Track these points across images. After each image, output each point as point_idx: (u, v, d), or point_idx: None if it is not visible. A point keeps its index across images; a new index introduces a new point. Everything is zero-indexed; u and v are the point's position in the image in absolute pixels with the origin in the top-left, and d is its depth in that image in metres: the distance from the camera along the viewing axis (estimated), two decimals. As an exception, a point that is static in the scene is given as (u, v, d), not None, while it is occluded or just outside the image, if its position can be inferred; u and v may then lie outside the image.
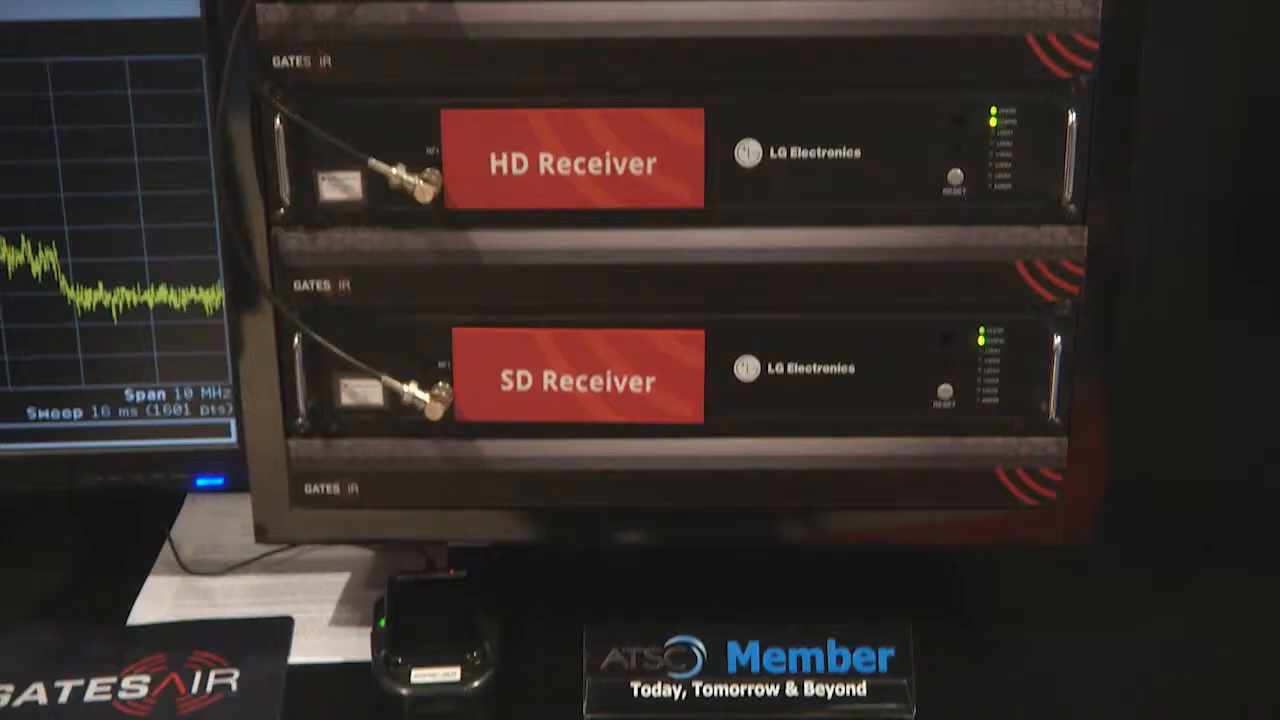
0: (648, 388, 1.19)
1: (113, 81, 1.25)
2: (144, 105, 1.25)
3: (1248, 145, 1.48)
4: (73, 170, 1.27)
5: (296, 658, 1.28)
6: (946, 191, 1.15)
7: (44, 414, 1.32)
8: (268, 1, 1.12)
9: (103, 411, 1.32)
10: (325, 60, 1.13)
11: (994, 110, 1.14)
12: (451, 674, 1.21)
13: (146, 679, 1.25)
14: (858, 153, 1.14)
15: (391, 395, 1.19)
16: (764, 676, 1.21)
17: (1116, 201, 1.16)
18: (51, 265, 1.29)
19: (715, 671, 1.22)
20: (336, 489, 1.22)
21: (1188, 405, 1.50)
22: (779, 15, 1.11)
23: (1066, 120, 1.13)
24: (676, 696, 1.21)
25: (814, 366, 1.19)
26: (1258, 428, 1.49)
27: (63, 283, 1.29)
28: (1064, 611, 1.32)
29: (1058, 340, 1.17)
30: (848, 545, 1.25)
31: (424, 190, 1.13)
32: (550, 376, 1.19)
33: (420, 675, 1.20)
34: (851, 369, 1.19)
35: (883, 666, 1.21)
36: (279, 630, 1.30)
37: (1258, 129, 1.47)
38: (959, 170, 1.14)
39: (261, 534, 1.25)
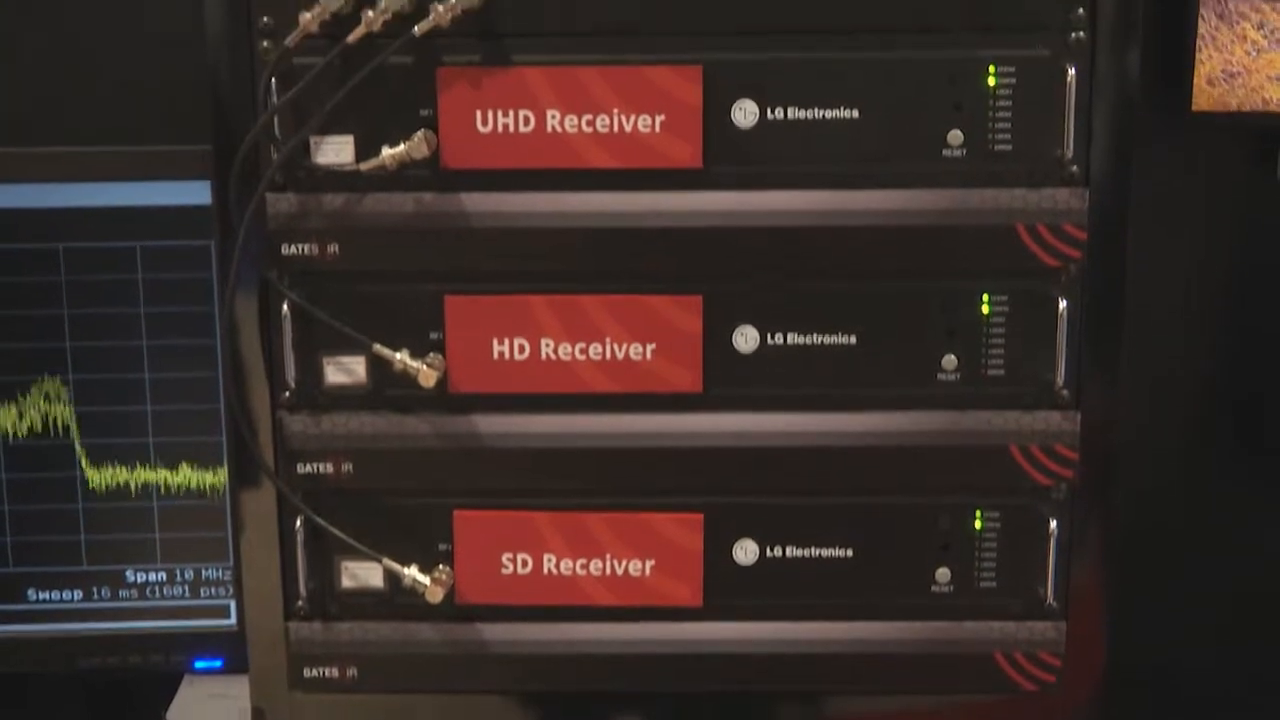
0: (647, 571, 1.20)
1: (123, 266, 1.28)
2: (153, 289, 1.28)
3: (1241, 319, 1.50)
4: (81, 353, 1.29)
5: (291, 844, 1.26)
6: (941, 376, 1.17)
7: (44, 595, 1.32)
8: (278, 191, 1.15)
9: (103, 593, 1.32)
10: (332, 248, 1.16)
11: (986, 297, 1.16)
12: None
13: None
14: (853, 339, 1.17)
15: (392, 578, 1.20)
16: None
17: (1108, 386, 1.17)
18: (57, 447, 1.30)
19: None
20: (335, 672, 1.22)
21: (1185, 583, 1.51)
22: (775, 205, 1.14)
23: (1057, 307, 1.15)
24: None
25: (812, 550, 1.20)
26: (1257, 603, 1.49)
27: (68, 464, 1.30)
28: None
29: (1053, 524, 1.18)
30: (847, 730, 1.25)
31: (427, 375, 1.15)
32: (550, 559, 1.20)
33: None
34: (849, 553, 1.20)
35: None
36: (274, 816, 1.29)
37: (1250, 299, 1.50)
38: (953, 356, 1.17)
39: (259, 717, 1.24)
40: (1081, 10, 1.11)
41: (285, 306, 1.16)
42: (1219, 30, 1.28)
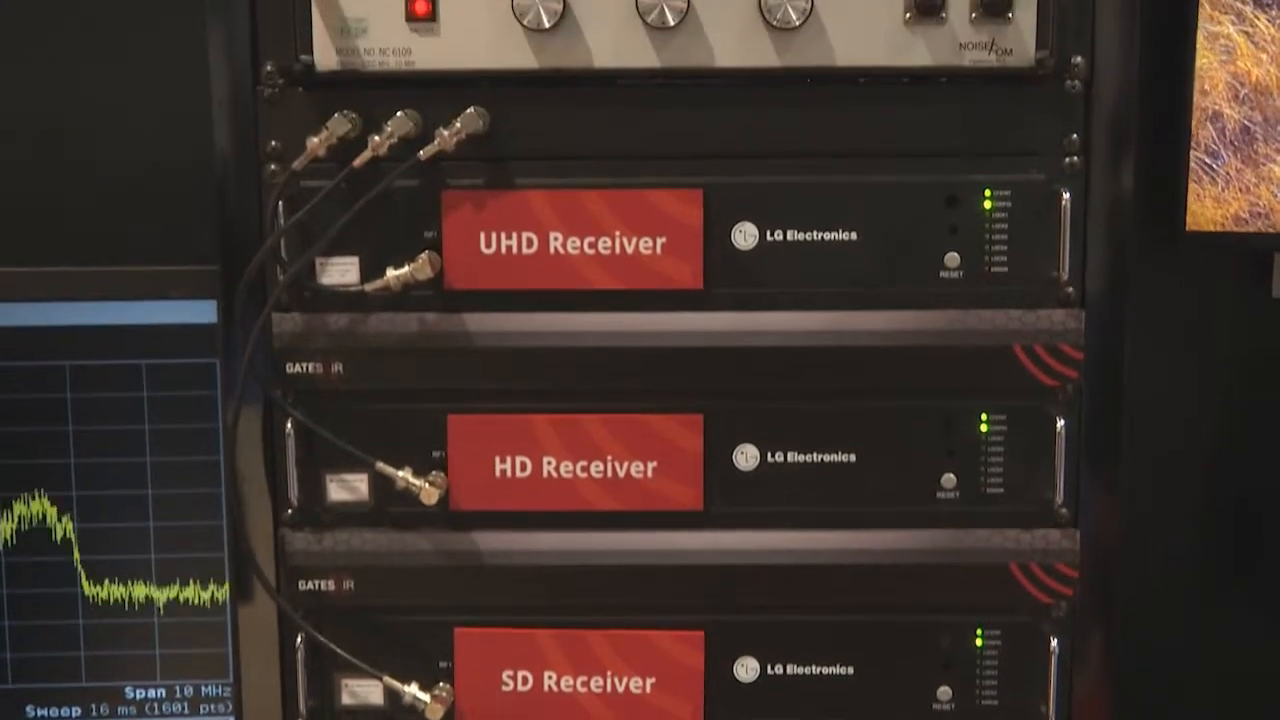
0: (648, 688, 1.20)
1: (129, 384, 1.28)
2: (158, 406, 1.29)
3: (1240, 433, 1.51)
4: (84, 469, 1.29)
5: None
6: (941, 495, 1.18)
7: (43, 712, 1.31)
8: (283, 311, 1.16)
9: (102, 709, 1.32)
10: (337, 367, 1.17)
11: (984, 416, 1.17)
12: None
13: None
14: (853, 457, 1.17)
15: (392, 695, 1.19)
16: None
17: (1108, 504, 1.18)
18: (57, 563, 1.30)
19: None
20: (334, 790, 1.22)
21: (1187, 699, 1.50)
22: (774, 326, 1.16)
23: (1055, 426, 1.16)
24: None
25: (813, 668, 1.20)
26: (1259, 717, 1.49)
27: (70, 580, 1.30)
28: None
29: (1054, 642, 1.18)
30: None
31: (430, 493, 1.16)
32: (550, 677, 1.20)
33: None
34: (851, 670, 1.20)
35: None
36: None
37: (1249, 414, 1.51)
38: (952, 474, 1.17)
39: (257, 837, 1.24)
40: (1075, 135, 1.13)
41: (289, 424, 1.17)
42: (1243, 172, 1.30)
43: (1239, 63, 1.31)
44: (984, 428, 1.17)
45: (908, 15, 1.11)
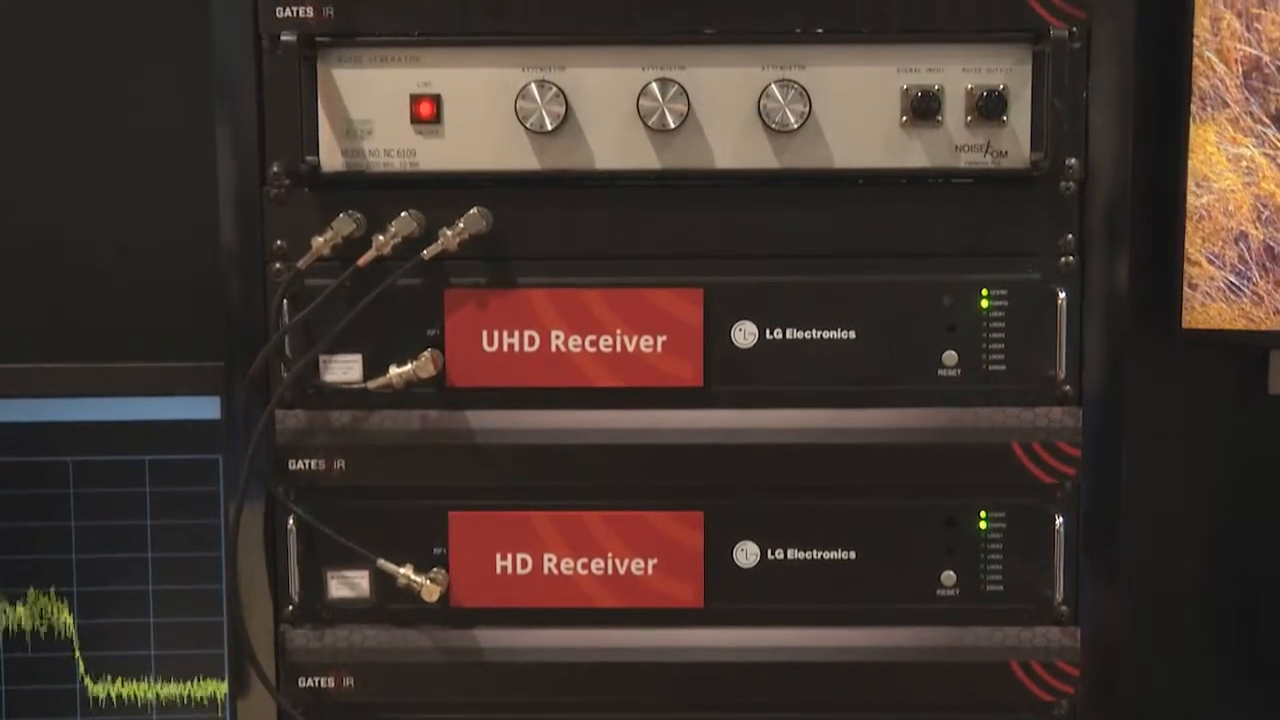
0: (647, 789, 1.20)
1: (131, 479, 1.29)
2: (160, 502, 1.29)
3: (1237, 528, 1.51)
4: (86, 565, 1.30)
5: None
6: (940, 592, 1.18)
7: (39, 810, 1.31)
8: (287, 408, 1.17)
9: (98, 808, 1.31)
10: (339, 464, 1.18)
11: (984, 514, 1.18)
12: None
13: None
14: (852, 554, 1.18)
15: (391, 794, 1.19)
16: None
17: (1108, 601, 1.18)
18: (57, 659, 1.30)
19: None
20: None
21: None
22: (774, 424, 1.17)
23: (1053, 523, 1.17)
24: None
25: (813, 763, 1.20)
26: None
27: (70, 676, 1.30)
28: None
29: (1056, 741, 1.18)
30: None
31: (431, 590, 1.16)
32: (550, 777, 1.20)
33: None
34: (851, 766, 1.20)
35: None
36: None
37: (1245, 509, 1.51)
38: (951, 572, 1.18)
39: None
40: (1070, 236, 1.15)
41: (291, 521, 1.18)
42: (1273, 295, 1.32)
43: (1263, 184, 1.33)
44: (983, 525, 1.18)
45: (904, 119, 1.13)
